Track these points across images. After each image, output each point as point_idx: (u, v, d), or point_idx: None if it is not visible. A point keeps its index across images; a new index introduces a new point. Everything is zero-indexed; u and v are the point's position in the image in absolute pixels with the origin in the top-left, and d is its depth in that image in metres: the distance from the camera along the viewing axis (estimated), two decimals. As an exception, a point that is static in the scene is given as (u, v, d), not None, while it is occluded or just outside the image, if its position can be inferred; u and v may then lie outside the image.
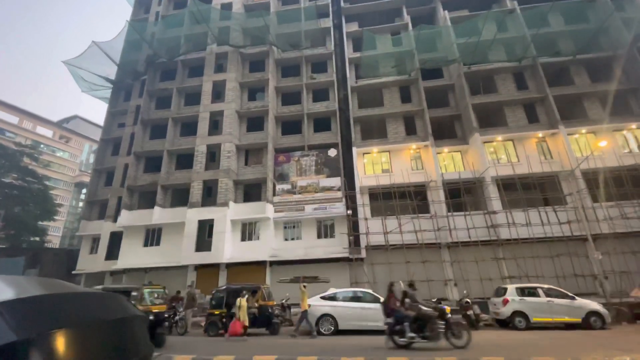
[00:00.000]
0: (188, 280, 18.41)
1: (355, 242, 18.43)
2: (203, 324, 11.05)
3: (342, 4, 25.98)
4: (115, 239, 20.45)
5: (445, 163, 20.67)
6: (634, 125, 18.59)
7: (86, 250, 21.96)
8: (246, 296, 9.88)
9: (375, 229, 18.21)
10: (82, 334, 1.45)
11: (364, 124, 22.05)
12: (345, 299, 10.77)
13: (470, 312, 11.51)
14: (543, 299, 11.32)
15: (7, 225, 26.02)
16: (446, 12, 23.32)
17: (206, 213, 19.01)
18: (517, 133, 19.58)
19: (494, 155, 19.76)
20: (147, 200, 20.89)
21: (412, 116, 21.44)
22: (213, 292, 11.51)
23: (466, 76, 21.31)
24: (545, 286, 11.95)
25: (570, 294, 11.44)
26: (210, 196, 20.11)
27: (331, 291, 11.27)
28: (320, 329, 10.11)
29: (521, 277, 16.04)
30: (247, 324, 9.54)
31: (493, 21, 21.47)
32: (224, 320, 10.55)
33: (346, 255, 17.76)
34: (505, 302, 11.56)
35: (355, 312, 10.31)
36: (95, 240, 21.82)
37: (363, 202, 19.13)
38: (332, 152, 20.46)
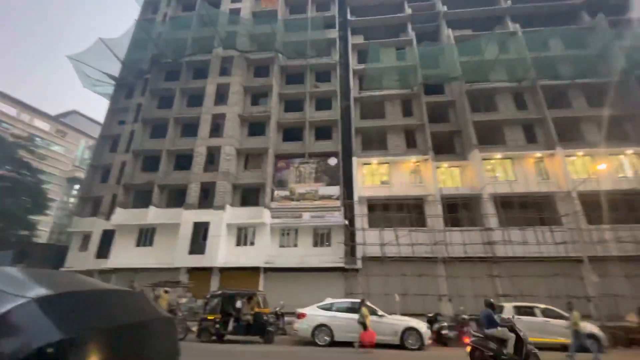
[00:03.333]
0: (180, 283, 18.08)
1: (351, 252, 18.32)
2: (195, 329, 10.81)
3: (348, 16, 26.40)
4: (107, 237, 20.06)
5: (444, 178, 20.76)
6: (630, 151, 18.97)
7: (76, 247, 21.48)
8: (363, 307, 9.69)
9: (372, 240, 18.13)
10: (115, 334, 1.39)
11: (365, 134, 22.18)
12: (340, 310, 10.62)
13: (466, 329, 11.41)
14: (540, 318, 11.28)
15: (-4, 217, 25.42)
16: (450, 30, 23.79)
17: (202, 215, 18.79)
18: (515, 152, 19.83)
19: (492, 172, 19.94)
20: (142, 199, 20.61)
21: (413, 130, 21.63)
22: (208, 296, 11.29)
23: (468, 94, 21.64)
24: (543, 306, 11.92)
25: (566, 315, 11.42)
26: (207, 198, 19.92)
27: (327, 301, 11.12)
28: (316, 340, 9.92)
29: (516, 295, 15.99)
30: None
31: (495, 42, 21.99)
32: (218, 325, 10.32)
33: (342, 265, 17.62)
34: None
35: (351, 324, 10.15)
36: (86, 237, 21.37)
37: (361, 213, 19.09)
38: (333, 161, 20.49)
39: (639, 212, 16.95)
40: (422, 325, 10.19)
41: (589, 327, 11.04)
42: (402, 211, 19.33)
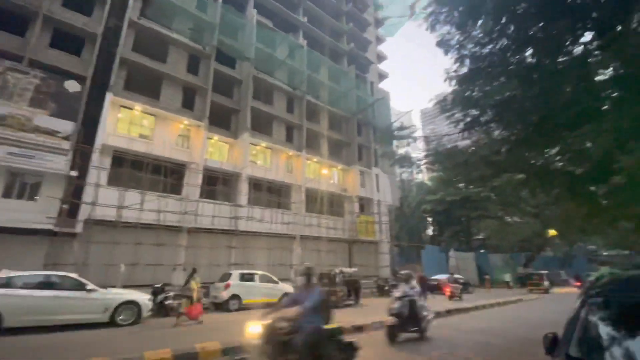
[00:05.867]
0: None
1: (69, 212, 14.02)
2: None
3: None
4: None
5: (212, 150, 20.64)
6: (340, 166, 27.04)
7: None
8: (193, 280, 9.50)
9: (108, 201, 14.78)
10: None
11: (134, 72, 17.92)
12: (28, 286, 7.68)
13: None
14: (257, 283, 13.46)
15: None
16: (255, 11, 24.14)
17: None
18: (276, 145, 22.95)
19: (255, 157, 22.07)
20: None
21: (194, 90, 19.89)
22: None
23: (254, 79, 22.71)
24: (261, 272, 14.33)
25: (275, 279, 14.35)
26: None
27: (2, 274, 7.72)
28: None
29: (244, 264, 18.38)
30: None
31: (287, 46, 24.63)
32: None
33: (49, 227, 13.06)
34: (227, 286, 12.70)
35: (42, 303, 7.56)
36: None
37: (101, 165, 15.09)
38: (73, 86, 14.87)
39: (336, 207, 24.55)
40: (143, 298, 9.28)
41: (286, 287, 14.43)
42: (159, 174, 17.23)
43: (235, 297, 12.71)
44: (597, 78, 5.44)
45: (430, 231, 47.98)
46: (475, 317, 11.78)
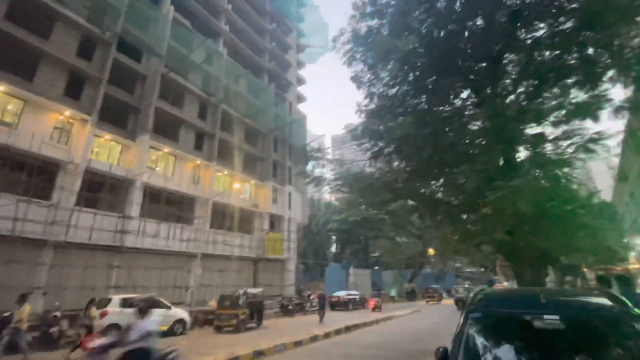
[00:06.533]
0: None
1: None
2: None
3: None
4: None
5: (100, 150, 17.61)
6: (253, 181, 26.30)
7: None
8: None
9: None
10: None
11: (5, 45, 14.15)
12: None
13: (54, 329, 9.26)
14: (143, 309, 11.59)
15: None
16: (172, 8, 22.34)
17: None
18: (182, 152, 20.98)
19: (154, 163, 19.70)
20: None
21: (83, 77, 16.79)
22: None
23: (163, 78, 20.59)
24: (147, 296, 12.43)
25: (168, 304, 12.66)
26: None
27: None
28: None
29: (128, 287, 15.74)
30: None
31: (204, 50, 23.34)
32: None
33: None
34: (105, 314, 10.60)
35: None
36: None
37: None
38: None
39: (245, 223, 23.57)
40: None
41: (179, 312, 12.90)
42: (21, 172, 13.66)
43: (114, 326, 10.66)
44: (472, 128, 6.81)
45: (334, 249, 50.46)
46: (373, 331, 12.63)
